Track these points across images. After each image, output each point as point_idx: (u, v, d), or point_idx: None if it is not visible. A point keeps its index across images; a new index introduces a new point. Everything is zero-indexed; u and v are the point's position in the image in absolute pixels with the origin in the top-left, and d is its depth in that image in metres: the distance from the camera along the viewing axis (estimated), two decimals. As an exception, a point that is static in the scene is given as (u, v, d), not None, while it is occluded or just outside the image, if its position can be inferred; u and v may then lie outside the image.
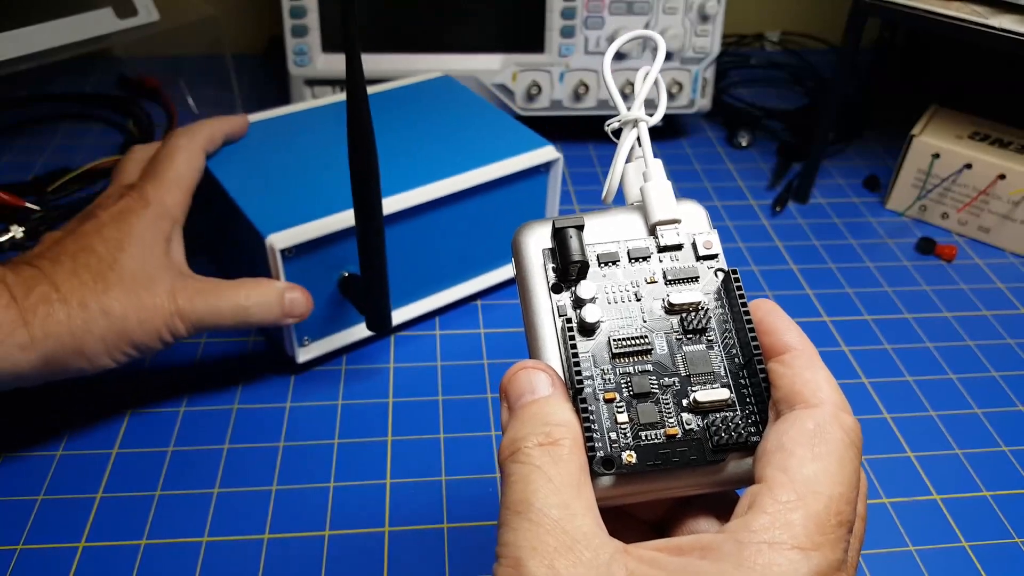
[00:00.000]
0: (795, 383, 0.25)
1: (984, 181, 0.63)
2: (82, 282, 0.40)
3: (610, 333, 0.27)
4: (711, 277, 0.28)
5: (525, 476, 0.23)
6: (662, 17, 0.69)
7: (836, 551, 0.22)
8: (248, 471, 0.44)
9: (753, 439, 0.25)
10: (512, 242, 0.29)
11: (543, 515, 0.22)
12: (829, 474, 0.23)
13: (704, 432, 0.26)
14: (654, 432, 0.26)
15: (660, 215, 0.29)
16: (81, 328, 0.40)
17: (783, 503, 0.22)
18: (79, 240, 0.42)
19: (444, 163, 0.51)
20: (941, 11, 0.58)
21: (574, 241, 0.27)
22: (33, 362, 0.39)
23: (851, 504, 0.23)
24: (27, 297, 0.39)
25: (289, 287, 0.46)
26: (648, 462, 0.25)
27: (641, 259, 0.28)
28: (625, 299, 0.28)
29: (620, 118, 0.31)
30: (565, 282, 0.28)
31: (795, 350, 0.26)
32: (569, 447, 0.24)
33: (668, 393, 0.26)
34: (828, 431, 0.24)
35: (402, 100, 0.59)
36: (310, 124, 0.56)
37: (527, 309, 0.28)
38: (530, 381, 0.26)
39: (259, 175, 0.50)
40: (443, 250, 0.53)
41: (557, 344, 0.27)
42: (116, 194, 0.45)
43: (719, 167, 0.74)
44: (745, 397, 0.26)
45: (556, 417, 0.25)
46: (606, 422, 0.26)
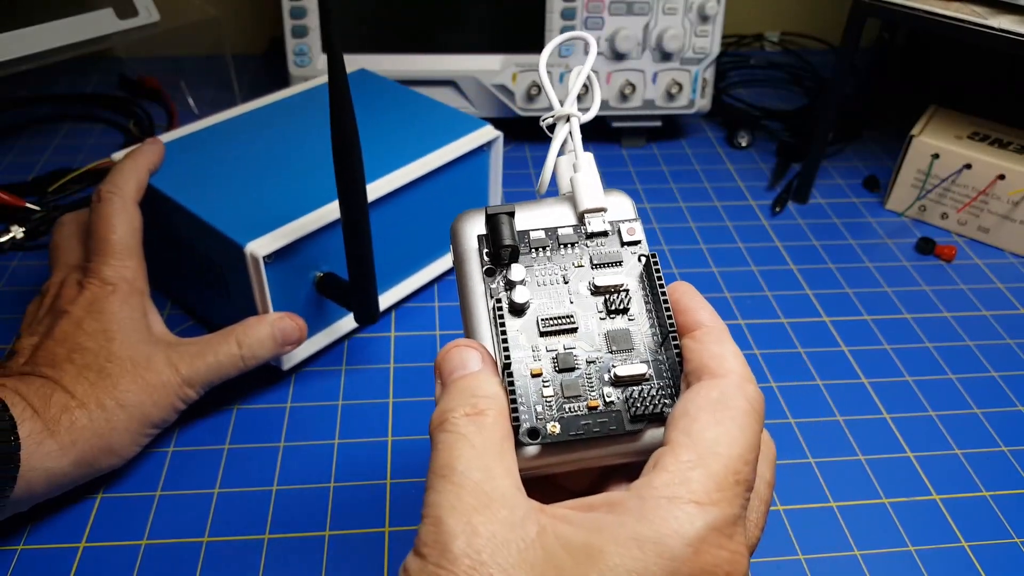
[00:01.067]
0: (704, 356, 0.27)
1: (984, 181, 0.63)
2: (91, 382, 0.40)
3: (538, 313, 0.29)
4: (634, 262, 0.30)
5: (451, 443, 0.25)
6: (662, 17, 0.69)
7: (733, 507, 0.24)
8: (248, 471, 0.44)
9: (667, 410, 0.27)
10: (450, 229, 0.31)
11: (464, 477, 0.24)
12: (729, 437, 0.25)
13: (623, 404, 0.27)
14: (577, 404, 0.27)
15: (587, 204, 0.31)
16: (105, 427, 0.40)
17: (683, 462, 0.24)
18: (65, 342, 0.42)
19: (393, 155, 0.51)
20: (941, 11, 0.58)
21: (505, 227, 0.29)
22: (65, 468, 0.39)
23: (749, 465, 0.25)
24: (47, 408, 0.39)
25: (277, 318, 0.46)
26: (571, 432, 0.27)
27: (569, 245, 0.30)
28: (554, 282, 0.29)
29: (554, 114, 0.33)
30: (498, 266, 0.29)
31: (706, 327, 0.28)
32: (494, 417, 0.25)
33: (591, 368, 0.28)
34: (731, 399, 0.26)
35: (310, 101, 0.59)
36: (248, 128, 0.55)
37: (462, 291, 0.30)
38: (461, 358, 0.27)
39: (215, 186, 0.49)
40: (399, 239, 0.53)
41: (489, 324, 0.29)
42: (72, 281, 0.45)
43: (719, 167, 0.74)
44: (662, 371, 0.28)
45: (483, 390, 0.26)
46: (532, 395, 0.27)
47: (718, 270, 0.61)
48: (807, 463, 0.46)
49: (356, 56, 0.69)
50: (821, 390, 0.51)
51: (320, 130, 0.53)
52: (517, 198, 0.68)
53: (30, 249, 0.60)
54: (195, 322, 0.54)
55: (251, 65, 0.87)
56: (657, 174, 0.72)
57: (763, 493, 0.27)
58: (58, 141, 0.73)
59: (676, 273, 0.61)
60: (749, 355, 0.53)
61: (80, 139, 0.74)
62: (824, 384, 0.52)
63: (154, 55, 0.86)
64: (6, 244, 0.59)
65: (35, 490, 0.39)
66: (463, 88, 0.71)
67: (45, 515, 0.41)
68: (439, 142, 0.53)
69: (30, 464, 0.37)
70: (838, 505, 0.44)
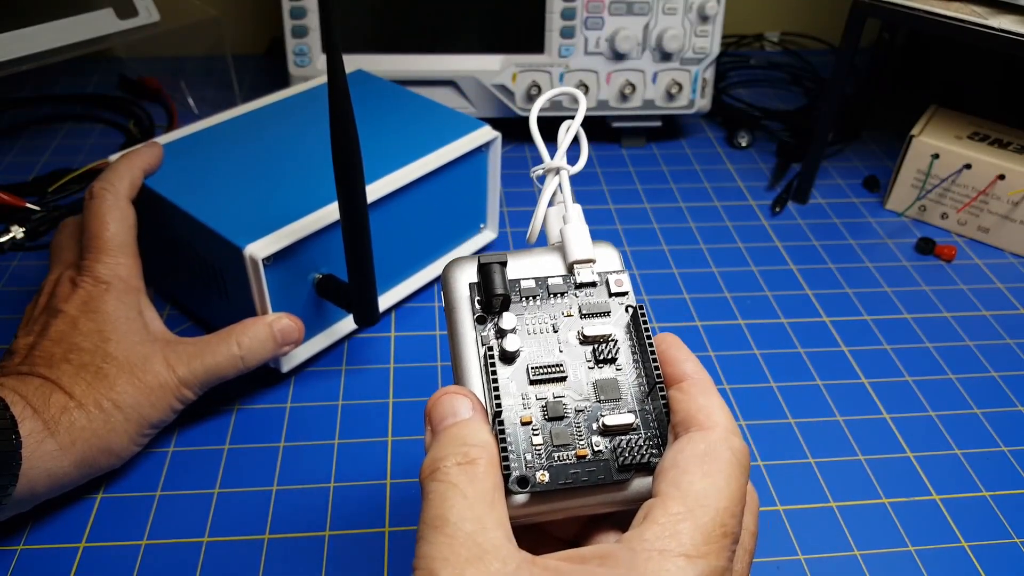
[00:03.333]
0: (690, 408, 0.27)
1: (983, 181, 0.63)
2: (88, 383, 0.40)
3: (528, 361, 0.29)
4: (621, 312, 0.31)
5: (442, 493, 0.25)
6: (662, 17, 0.69)
7: (720, 559, 0.24)
8: (248, 471, 0.44)
9: (654, 460, 0.27)
10: (441, 277, 0.31)
11: (457, 529, 0.24)
12: (716, 490, 0.25)
13: (611, 453, 0.28)
14: (566, 453, 0.27)
15: (577, 255, 0.31)
16: (103, 428, 0.40)
17: (673, 515, 0.24)
18: (61, 342, 0.42)
19: (392, 156, 0.51)
20: (941, 11, 0.58)
21: (497, 276, 0.30)
22: (66, 468, 0.39)
23: (736, 518, 0.25)
24: (47, 408, 0.39)
25: (276, 318, 0.46)
26: (560, 481, 0.27)
27: (559, 295, 0.31)
28: (544, 330, 0.30)
29: (544, 166, 0.34)
30: (489, 314, 0.30)
31: (692, 378, 0.28)
32: (485, 466, 0.26)
33: (580, 417, 0.28)
34: (718, 452, 0.26)
35: (308, 102, 0.58)
36: (247, 128, 0.55)
37: (453, 338, 0.30)
38: (452, 405, 0.27)
39: (213, 188, 0.48)
40: (398, 240, 0.53)
41: (480, 371, 0.29)
42: (66, 279, 0.44)
43: (719, 167, 0.74)
44: (649, 421, 0.29)
45: (474, 438, 0.26)
46: (522, 443, 0.27)
47: (718, 270, 0.61)
48: (807, 463, 0.46)
49: (356, 56, 0.69)
50: (821, 390, 0.51)
51: (320, 131, 0.53)
52: (518, 198, 0.68)
53: (30, 249, 0.60)
54: (194, 323, 0.54)
55: (251, 65, 0.87)
56: (657, 174, 0.72)
57: (747, 543, 0.27)
58: (58, 141, 0.73)
59: (676, 273, 0.61)
60: (749, 355, 0.54)
61: (80, 139, 0.74)
62: (824, 384, 0.52)
63: (154, 55, 0.86)
64: (6, 244, 0.59)
65: (37, 490, 0.39)
66: (463, 88, 0.71)
67: (45, 515, 0.41)
68: (437, 143, 0.53)
69: (31, 463, 0.37)
70: (838, 505, 0.44)
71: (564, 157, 0.34)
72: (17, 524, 0.41)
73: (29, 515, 0.41)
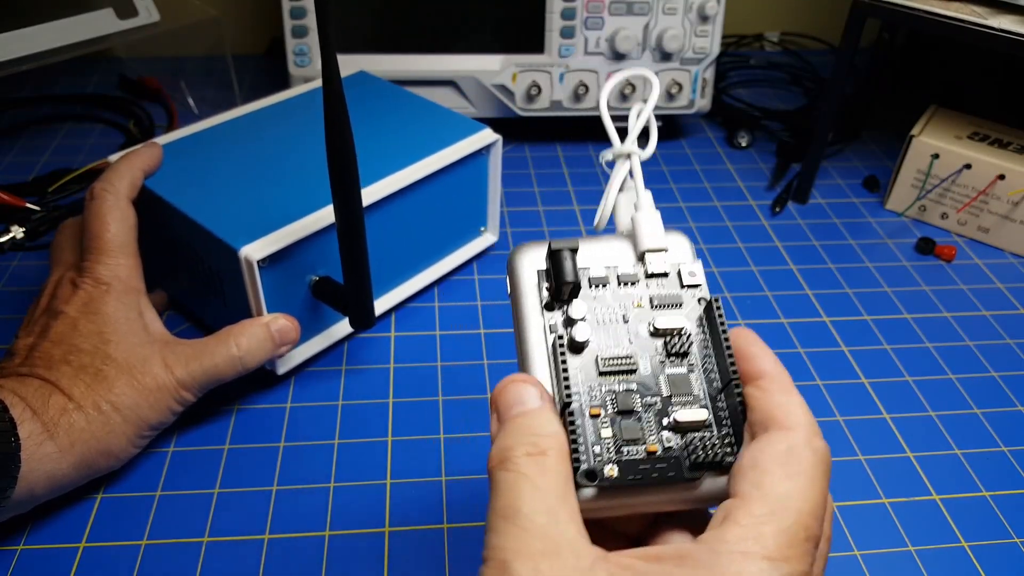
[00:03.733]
0: (770, 407, 0.26)
1: (983, 181, 0.63)
2: (87, 385, 0.40)
3: (598, 352, 0.28)
4: (694, 304, 0.30)
5: (513, 484, 0.24)
6: (662, 17, 0.69)
7: (803, 563, 0.23)
8: (248, 471, 0.44)
9: (728, 459, 0.26)
10: (508, 262, 0.31)
11: (530, 521, 0.23)
12: (800, 492, 0.24)
13: (682, 450, 0.27)
14: (636, 448, 0.27)
15: (648, 244, 0.30)
16: (102, 430, 0.40)
17: (756, 516, 0.24)
18: (61, 343, 0.42)
19: (392, 158, 0.51)
20: (940, 11, 0.58)
21: (568, 263, 0.29)
22: (65, 470, 0.39)
23: (819, 521, 0.24)
24: (46, 409, 0.39)
25: (273, 319, 0.46)
26: (629, 476, 0.26)
27: (629, 284, 0.30)
28: (613, 320, 0.29)
29: (614, 151, 0.33)
30: (557, 302, 0.29)
31: (770, 376, 0.27)
32: (555, 457, 0.25)
33: (650, 411, 0.27)
34: (800, 453, 0.25)
35: (307, 104, 0.58)
36: (245, 130, 0.54)
37: (519, 325, 0.29)
38: (519, 394, 0.27)
39: (211, 189, 0.48)
40: (398, 242, 0.53)
41: (547, 360, 0.28)
42: (66, 281, 0.44)
43: (719, 167, 0.74)
44: (722, 419, 0.28)
45: (544, 428, 0.26)
46: (591, 436, 0.27)
47: (718, 270, 0.61)
48: (807, 463, 0.46)
49: (356, 56, 0.69)
50: (821, 390, 0.51)
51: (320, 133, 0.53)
52: (518, 198, 0.68)
53: (30, 249, 0.60)
54: (192, 324, 0.54)
55: (251, 65, 0.87)
56: (657, 174, 0.72)
57: (823, 549, 0.26)
58: (58, 141, 0.73)
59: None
60: (749, 355, 0.53)
61: (80, 139, 0.74)
62: (824, 384, 0.52)
63: (154, 55, 0.86)
64: (6, 244, 0.59)
65: (36, 491, 0.39)
66: (463, 88, 0.71)
67: (45, 515, 0.41)
68: (438, 145, 0.53)
69: (30, 465, 0.37)
70: (838, 505, 0.44)
71: (635, 142, 0.32)
72: (17, 524, 0.41)
73: (29, 515, 0.41)
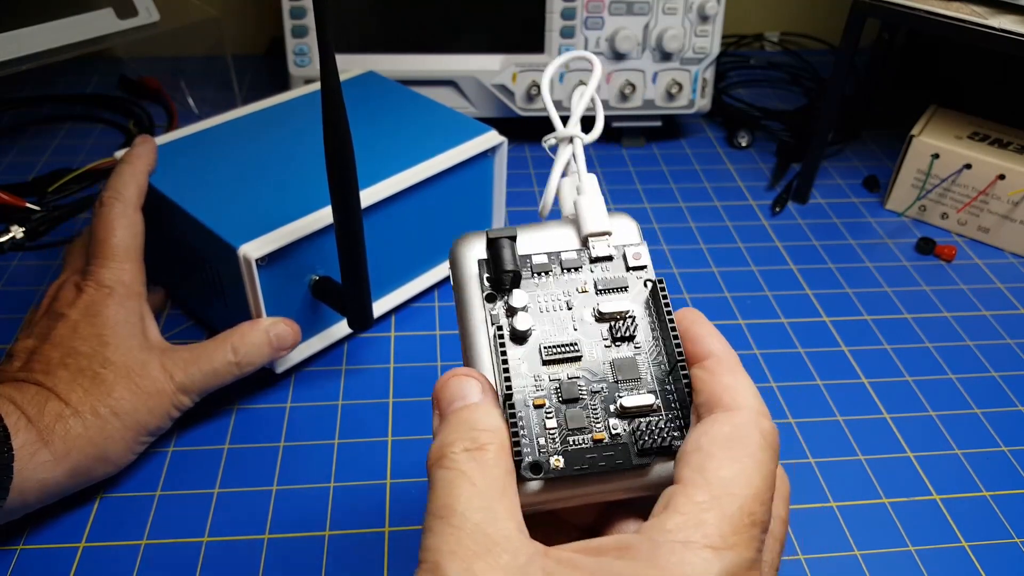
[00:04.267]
0: (715, 388, 0.26)
1: (983, 181, 0.63)
2: (85, 390, 0.40)
3: (541, 340, 0.28)
4: (640, 287, 0.29)
5: (450, 481, 0.24)
6: (662, 17, 0.69)
7: (749, 550, 0.23)
8: (248, 471, 0.44)
9: (676, 443, 0.26)
10: (450, 253, 0.30)
11: (464, 519, 0.23)
12: (745, 476, 0.23)
13: (630, 437, 0.26)
14: (582, 437, 0.26)
15: (592, 227, 0.30)
16: (99, 435, 0.40)
17: (697, 503, 0.23)
18: (60, 346, 0.41)
19: (396, 158, 0.51)
20: (940, 11, 0.58)
21: (507, 251, 0.28)
22: (59, 478, 0.39)
23: (765, 505, 0.23)
24: (41, 417, 0.39)
25: (272, 324, 0.46)
26: (575, 466, 0.25)
27: (573, 269, 0.29)
28: (557, 308, 0.28)
29: (556, 135, 0.32)
30: (499, 291, 0.28)
31: (716, 356, 0.27)
32: (495, 452, 0.24)
33: (596, 399, 0.27)
34: (745, 434, 0.24)
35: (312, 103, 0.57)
36: (248, 130, 0.55)
37: (462, 317, 0.29)
38: (460, 388, 0.26)
39: (213, 187, 0.48)
40: (402, 243, 0.53)
41: (490, 351, 0.28)
42: (70, 284, 0.44)
43: (719, 167, 0.74)
44: (670, 403, 0.27)
45: (484, 423, 0.25)
46: (535, 427, 0.26)
47: (718, 270, 0.61)
48: (807, 463, 0.46)
49: (357, 56, 0.69)
50: (821, 390, 0.51)
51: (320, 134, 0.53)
52: (517, 198, 0.68)
53: (30, 249, 0.60)
54: (194, 323, 0.54)
55: (251, 65, 0.87)
56: (657, 174, 0.72)
57: (777, 532, 0.26)
58: (58, 141, 0.73)
59: (676, 273, 0.61)
60: (749, 355, 0.53)
61: (80, 139, 0.74)
62: (824, 384, 0.52)
63: (154, 55, 0.86)
64: (6, 244, 0.59)
65: (28, 500, 0.38)
66: (463, 88, 0.71)
67: (45, 515, 0.41)
68: (443, 146, 0.53)
69: (23, 475, 0.37)
70: (838, 505, 0.44)
71: (578, 125, 0.32)
72: (17, 524, 0.41)
73: (29, 515, 0.41)
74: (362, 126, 0.54)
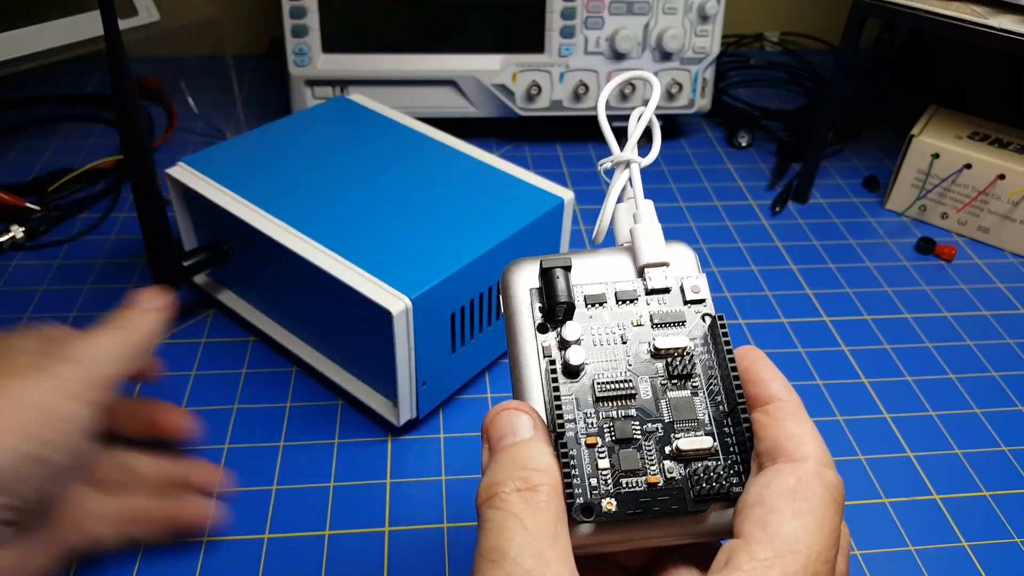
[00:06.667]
0: (779, 436, 0.25)
1: (984, 181, 0.63)
2: None
3: (594, 376, 0.27)
4: (698, 322, 0.28)
5: (500, 523, 0.23)
6: (662, 17, 0.69)
7: None
8: (248, 471, 0.44)
9: (735, 490, 0.25)
10: (500, 280, 0.29)
11: (516, 565, 0.22)
12: (808, 532, 0.23)
13: (686, 481, 0.25)
14: (635, 479, 0.25)
15: (648, 258, 0.29)
16: None
17: (760, 560, 0.22)
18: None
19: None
20: (941, 11, 0.58)
21: (561, 282, 0.27)
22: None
23: (829, 564, 0.23)
24: None
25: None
26: (628, 510, 0.24)
27: (628, 301, 0.28)
28: (611, 341, 0.27)
29: (613, 158, 0.31)
30: (551, 322, 0.27)
31: (780, 401, 0.26)
32: (547, 494, 0.24)
33: (651, 439, 0.26)
34: (810, 488, 0.23)
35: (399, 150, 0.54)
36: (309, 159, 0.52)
37: (512, 348, 0.28)
38: (511, 423, 0.25)
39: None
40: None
41: (541, 385, 0.27)
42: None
43: (719, 167, 0.74)
44: (728, 446, 0.26)
45: (535, 462, 0.24)
46: (587, 467, 0.25)
47: (718, 270, 0.61)
48: (807, 463, 0.46)
49: (357, 55, 0.69)
50: (821, 390, 0.51)
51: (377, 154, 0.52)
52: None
53: (30, 249, 0.60)
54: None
55: (251, 65, 0.87)
56: (657, 174, 0.72)
57: None
58: (58, 141, 0.73)
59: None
60: (749, 355, 0.53)
61: (80, 139, 0.74)
62: (824, 384, 0.52)
63: (154, 55, 0.86)
64: (6, 244, 0.59)
65: None
66: (463, 88, 0.71)
67: (45, 515, 0.41)
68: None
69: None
70: (838, 505, 0.44)
71: (635, 149, 0.31)
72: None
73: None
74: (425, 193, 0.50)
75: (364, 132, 0.56)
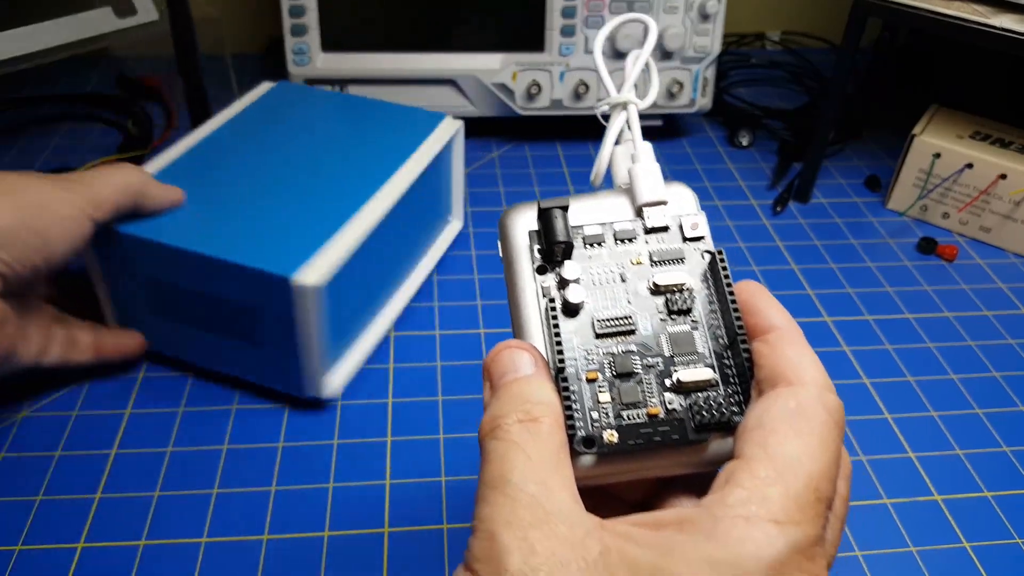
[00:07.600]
0: (778, 362, 0.25)
1: (985, 181, 0.63)
2: None
3: (594, 314, 0.27)
4: (697, 259, 0.28)
5: (503, 452, 0.23)
6: (663, 16, 0.69)
7: (815, 527, 0.22)
8: (248, 471, 0.44)
9: (736, 419, 0.25)
10: (499, 224, 0.29)
11: (519, 490, 0.22)
12: (809, 452, 0.23)
13: (687, 412, 0.25)
14: (636, 411, 0.25)
15: (647, 197, 0.29)
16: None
17: (761, 478, 0.22)
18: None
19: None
20: (942, 11, 0.58)
21: (559, 222, 0.27)
22: None
23: (831, 482, 0.23)
24: None
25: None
26: (629, 441, 0.25)
27: (627, 240, 0.28)
28: (610, 280, 0.28)
29: (609, 100, 0.31)
30: (550, 263, 0.28)
31: (779, 329, 0.26)
32: (549, 425, 0.24)
33: (651, 373, 0.26)
34: (810, 410, 0.24)
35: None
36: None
37: (512, 290, 0.28)
38: (512, 360, 0.26)
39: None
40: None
41: (541, 324, 0.27)
42: None
43: (720, 167, 0.74)
44: (729, 377, 0.26)
45: (537, 395, 0.25)
46: (588, 401, 0.25)
47: (719, 270, 0.61)
48: (808, 463, 0.46)
49: (357, 55, 0.69)
50: (822, 390, 0.51)
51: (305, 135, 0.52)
52: (518, 198, 0.68)
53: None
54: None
55: (250, 64, 0.87)
56: (658, 173, 0.72)
57: (839, 510, 0.25)
58: (58, 141, 0.73)
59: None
60: (750, 355, 0.53)
61: (80, 139, 0.74)
62: (825, 384, 0.52)
63: (154, 55, 0.86)
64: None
65: None
66: (463, 87, 0.71)
67: (44, 515, 0.41)
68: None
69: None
70: (839, 505, 0.44)
71: (632, 90, 0.31)
72: (16, 524, 0.41)
73: (28, 515, 0.41)
74: (319, 148, 0.52)
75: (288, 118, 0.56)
